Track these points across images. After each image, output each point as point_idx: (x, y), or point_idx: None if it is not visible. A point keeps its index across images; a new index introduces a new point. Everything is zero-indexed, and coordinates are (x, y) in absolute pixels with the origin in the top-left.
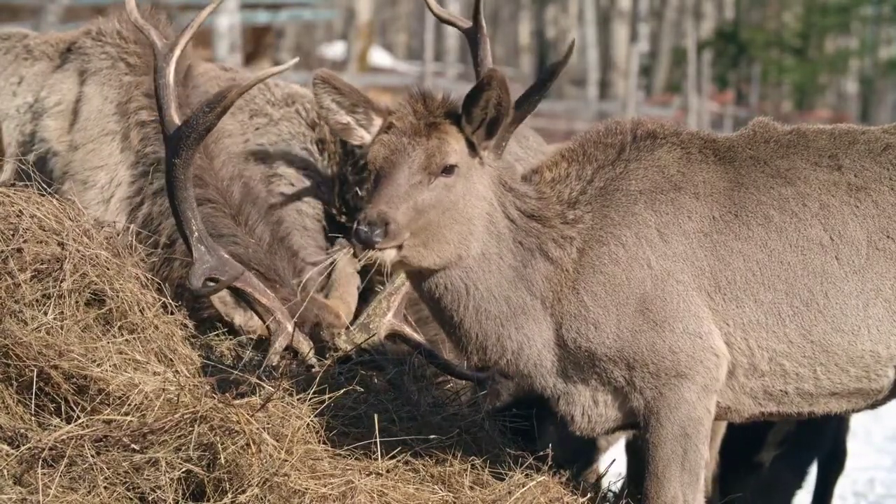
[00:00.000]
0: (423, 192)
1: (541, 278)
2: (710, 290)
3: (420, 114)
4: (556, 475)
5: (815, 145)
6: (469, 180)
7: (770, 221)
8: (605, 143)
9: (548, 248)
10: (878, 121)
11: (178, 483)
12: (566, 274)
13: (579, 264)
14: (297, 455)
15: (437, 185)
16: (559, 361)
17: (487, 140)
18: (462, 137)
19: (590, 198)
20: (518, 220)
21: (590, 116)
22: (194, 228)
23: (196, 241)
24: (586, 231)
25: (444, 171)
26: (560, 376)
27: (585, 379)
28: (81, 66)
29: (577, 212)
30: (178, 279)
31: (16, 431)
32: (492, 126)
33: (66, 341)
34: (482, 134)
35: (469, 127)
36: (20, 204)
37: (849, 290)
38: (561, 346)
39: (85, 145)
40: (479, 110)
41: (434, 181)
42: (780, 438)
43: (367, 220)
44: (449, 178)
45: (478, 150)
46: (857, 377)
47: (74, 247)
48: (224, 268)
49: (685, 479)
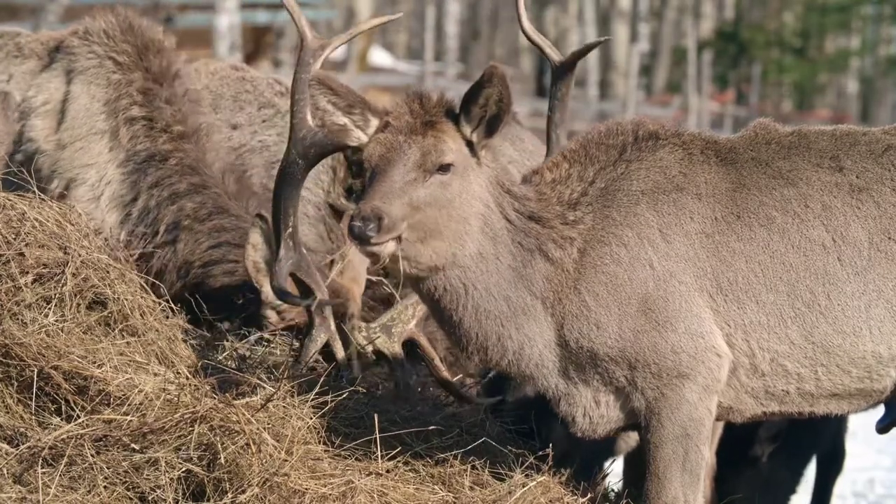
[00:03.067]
0: (419, 189)
1: (541, 279)
2: (711, 290)
3: (417, 113)
4: (557, 475)
5: (816, 146)
6: (466, 180)
7: (772, 222)
8: (606, 144)
9: (548, 248)
10: (879, 120)
11: (178, 483)
12: (567, 274)
13: (581, 264)
14: (297, 455)
15: (432, 183)
16: (560, 361)
17: (487, 139)
18: (459, 137)
19: (591, 199)
20: (516, 222)
21: (590, 116)
22: (290, 224)
23: (287, 238)
24: (587, 232)
25: (439, 170)
26: (562, 376)
27: (587, 380)
28: (68, 66)
29: (578, 213)
30: (182, 260)
31: (15, 430)
32: (492, 124)
33: (66, 343)
34: (481, 132)
35: (468, 126)
36: (22, 208)
37: (851, 292)
38: (562, 347)
39: (73, 144)
40: (479, 108)
41: (430, 179)
42: (773, 433)
43: (361, 215)
44: (445, 177)
45: (476, 150)
46: (859, 378)
47: (76, 250)
48: (302, 264)
49: (686, 480)
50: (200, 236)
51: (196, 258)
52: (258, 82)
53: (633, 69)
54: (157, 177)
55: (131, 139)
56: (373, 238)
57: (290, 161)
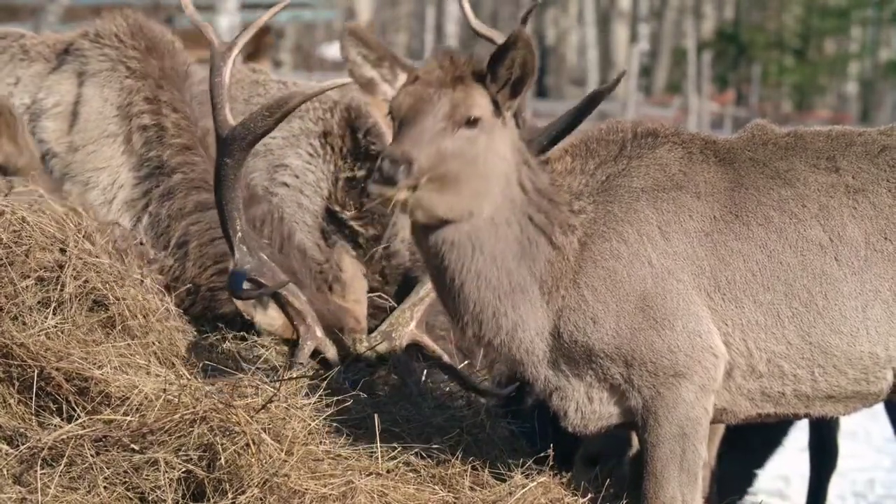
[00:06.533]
0: (447, 139)
1: (543, 260)
2: (709, 289)
3: (446, 68)
4: (557, 476)
5: (812, 147)
6: (491, 137)
7: (770, 222)
8: (606, 140)
9: (553, 231)
10: (878, 123)
11: (178, 483)
12: (567, 263)
13: (581, 257)
14: (298, 456)
15: (460, 136)
16: (551, 353)
17: (511, 100)
18: (487, 95)
19: (592, 191)
20: (531, 193)
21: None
22: (238, 228)
23: (239, 242)
24: (589, 223)
25: (467, 123)
26: (551, 368)
27: (580, 375)
28: (80, 68)
29: (581, 203)
30: (191, 279)
31: (15, 431)
32: (517, 86)
33: (67, 344)
34: (506, 94)
35: (494, 86)
36: (22, 213)
37: (848, 292)
38: (555, 338)
39: (85, 147)
40: (505, 70)
41: (458, 131)
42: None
43: (392, 157)
44: (472, 132)
45: (501, 110)
46: (856, 379)
47: (76, 253)
48: (263, 269)
49: (683, 479)
50: (206, 260)
51: (203, 283)
52: (270, 86)
53: (633, 69)
54: (166, 188)
55: (144, 145)
56: (400, 181)
57: (219, 164)
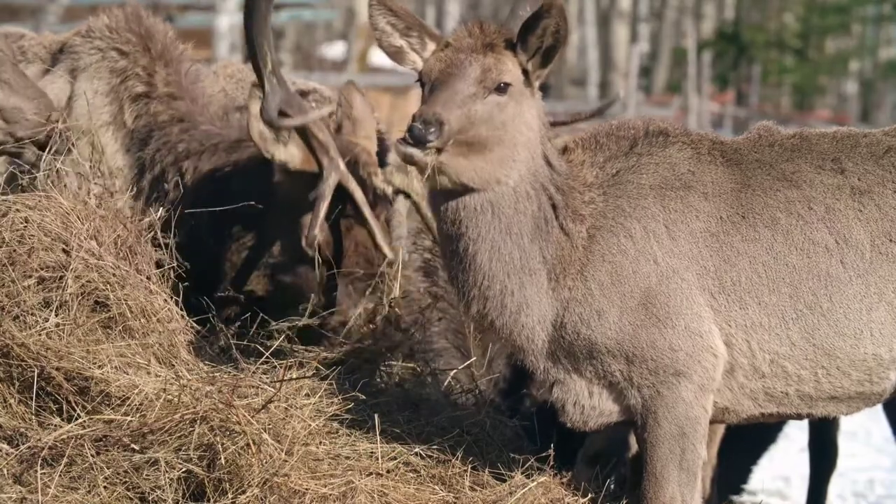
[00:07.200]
0: (477, 103)
1: (554, 244)
2: (713, 290)
3: (477, 35)
4: (558, 475)
5: (818, 149)
6: (520, 106)
7: (777, 224)
8: (617, 136)
9: (566, 216)
10: (878, 122)
11: (178, 483)
12: (575, 251)
13: (589, 250)
14: (298, 456)
15: (490, 101)
16: (550, 344)
17: (542, 69)
18: (517, 62)
19: (602, 183)
20: (555, 168)
21: None
22: (269, 61)
23: (269, 74)
24: (598, 215)
25: (498, 89)
26: (550, 360)
27: (580, 370)
28: (72, 65)
29: (592, 194)
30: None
31: (16, 431)
32: (547, 54)
33: (67, 345)
34: (537, 62)
35: (524, 55)
36: (26, 212)
37: (852, 294)
38: (557, 329)
39: (80, 141)
40: (536, 38)
41: (488, 96)
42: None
43: (424, 118)
44: (502, 98)
45: (531, 79)
46: (859, 381)
47: (79, 253)
48: (292, 102)
49: (683, 479)
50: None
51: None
52: None
53: (633, 69)
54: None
55: (136, 119)
56: (430, 143)
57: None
